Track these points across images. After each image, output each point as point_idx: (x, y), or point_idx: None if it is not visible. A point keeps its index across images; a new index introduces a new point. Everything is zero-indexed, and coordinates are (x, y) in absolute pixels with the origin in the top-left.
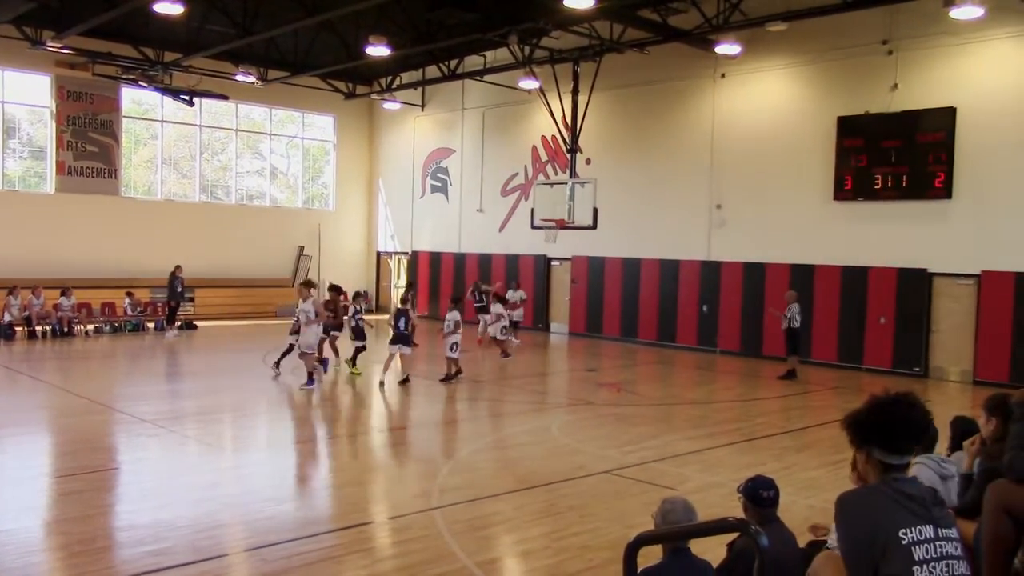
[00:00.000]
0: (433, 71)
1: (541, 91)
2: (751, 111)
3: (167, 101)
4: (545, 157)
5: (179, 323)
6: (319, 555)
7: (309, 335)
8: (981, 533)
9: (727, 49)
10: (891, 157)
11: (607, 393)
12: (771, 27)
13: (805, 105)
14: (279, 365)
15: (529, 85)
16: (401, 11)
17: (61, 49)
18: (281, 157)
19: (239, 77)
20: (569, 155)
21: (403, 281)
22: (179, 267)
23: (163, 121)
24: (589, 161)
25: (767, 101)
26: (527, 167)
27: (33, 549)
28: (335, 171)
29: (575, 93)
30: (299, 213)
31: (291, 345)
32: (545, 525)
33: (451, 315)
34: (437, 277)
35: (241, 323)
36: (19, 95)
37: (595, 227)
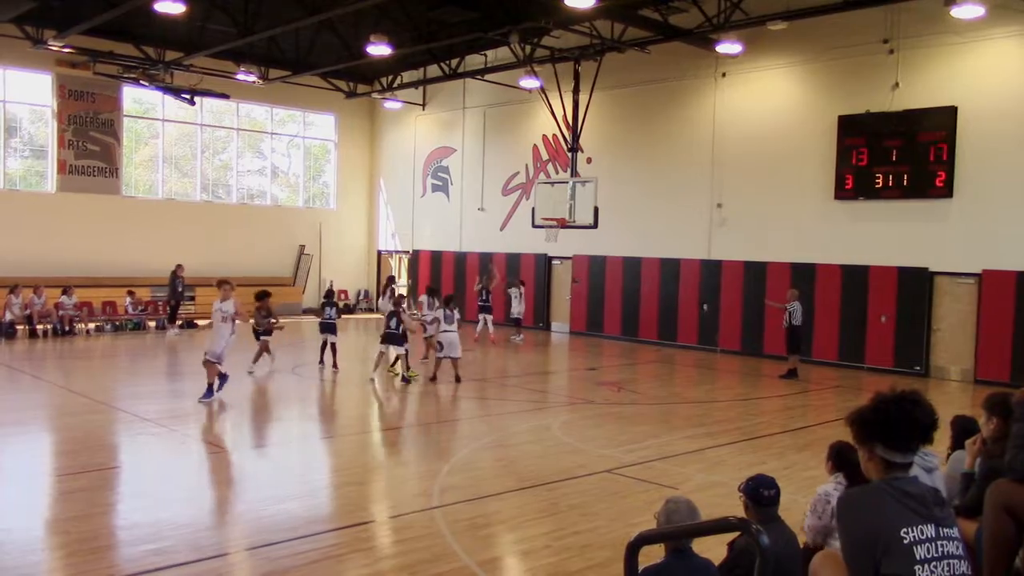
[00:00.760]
0: (434, 70)
1: (542, 90)
2: (752, 110)
3: (168, 100)
4: (546, 156)
5: (180, 322)
6: (320, 554)
7: (218, 340)
8: (982, 532)
9: (728, 48)
10: (892, 156)
11: (608, 392)
12: (772, 26)
13: (806, 104)
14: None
15: (530, 84)
16: (402, 10)
17: (62, 48)
18: (282, 156)
19: (240, 76)
20: (570, 154)
21: (404, 281)
22: (180, 266)
23: (164, 120)
24: (590, 160)
25: (768, 100)
26: (528, 166)
27: (34, 548)
28: (336, 170)
29: (576, 92)
30: (300, 212)
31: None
32: (546, 524)
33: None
34: (438, 276)
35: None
36: (20, 94)
37: (596, 226)
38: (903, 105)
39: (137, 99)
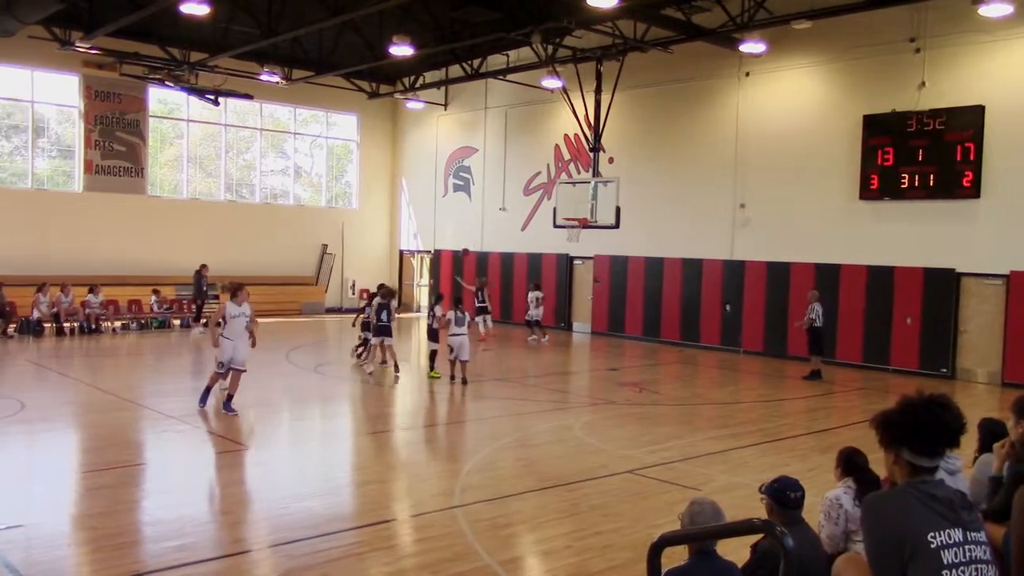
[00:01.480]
0: (456, 70)
1: (564, 90)
2: (776, 110)
3: (193, 101)
4: (568, 156)
5: (204, 320)
6: (342, 552)
7: (244, 348)
8: (1011, 537)
9: (752, 47)
10: (918, 156)
11: (629, 393)
12: (796, 25)
13: (830, 103)
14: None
15: (552, 84)
16: (425, 10)
17: (89, 50)
18: (305, 156)
19: (264, 77)
20: (592, 154)
21: (425, 280)
22: (204, 266)
23: (189, 120)
24: (612, 160)
25: (792, 100)
26: (550, 166)
27: (61, 543)
28: (358, 170)
29: (598, 92)
30: (323, 212)
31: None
32: (567, 524)
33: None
34: (460, 276)
35: (265, 321)
36: (48, 95)
37: (618, 226)
38: (929, 104)
39: (162, 100)
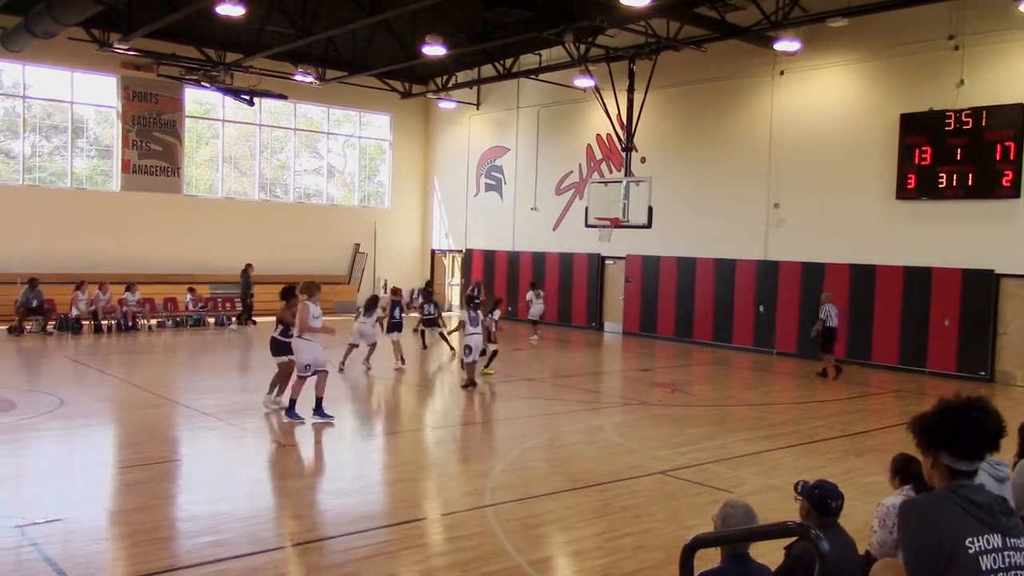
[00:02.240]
0: (488, 70)
1: (596, 89)
2: (811, 108)
3: (228, 101)
4: (600, 155)
5: (235, 319)
6: (373, 549)
7: (320, 348)
8: None
9: (786, 46)
10: (957, 155)
11: (661, 393)
12: (832, 23)
13: (867, 102)
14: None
15: (584, 83)
16: (457, 10)
17: (127, 51)
18: (338, 156)
19: (298, 77)
20: (624, 153)
21: (456, 279)
22: (250, 265)
23: (224, 121)
24: (644, 159)
25: (827, 98)
26: (581, 165)
27: (98, 537)
28: (391, 170)
29: (631, 91)
30: (355, 211)
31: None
32: (598, 525)
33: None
34: (491, 275)
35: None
36: (87, 96)
37: (650, 226)
38: (968, 103)
39: (198, 100)
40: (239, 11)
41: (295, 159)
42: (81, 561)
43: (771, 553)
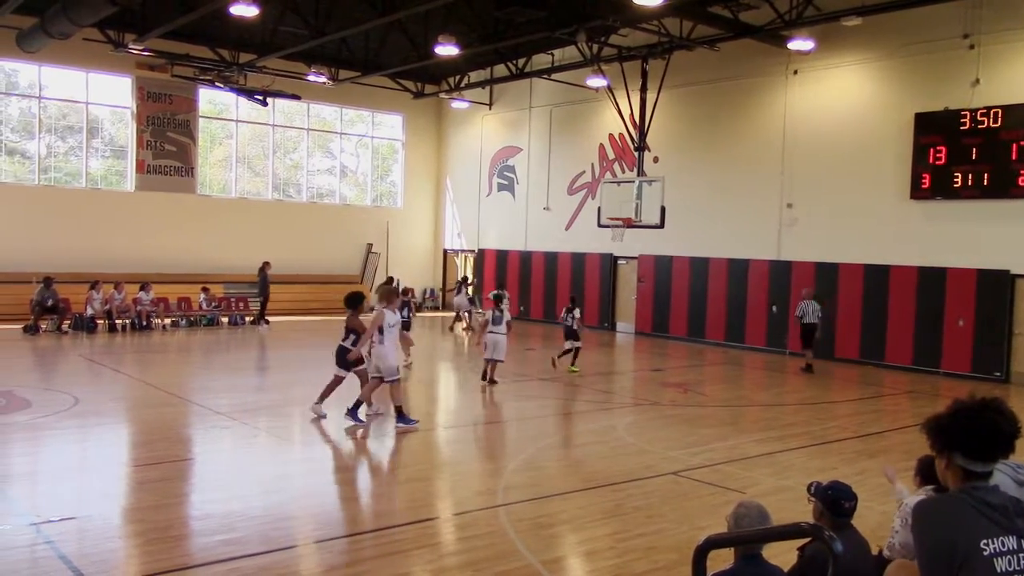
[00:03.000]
0: (501, 70)
1: (609, 89)
2: (824, 108)
3: (242, 101)
4: (612, 155)
5: (250, 318)
6: (386, 549)
7: (393, 354)
8: None
9: (800, 45)
10: (972, 155)
11: (674, 393)
12: (846, 22)
13: (881, 101)
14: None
15: (597, 83)
16: (470, 10)
17: (142, 51)
18: (351, 156)
19: (311, 77)
20: (637, 153)
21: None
22: (267, 263)
23: (238, 121)
24: (657, 159)
25: (841, 98)
26: (594, 165)
27: (112, 535)
28: (403, 169)
29: (643, 91)
30: (368, 211)
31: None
32: (610, 525)
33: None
34: (503, 275)
35: (311, 319)
36: (102, 96)
37: (662, 226)
38: (984, 102)
39: (212, 100)
40: (253, 12)
41: (308, 159)
42: (95, 559)
43: (784, 554)
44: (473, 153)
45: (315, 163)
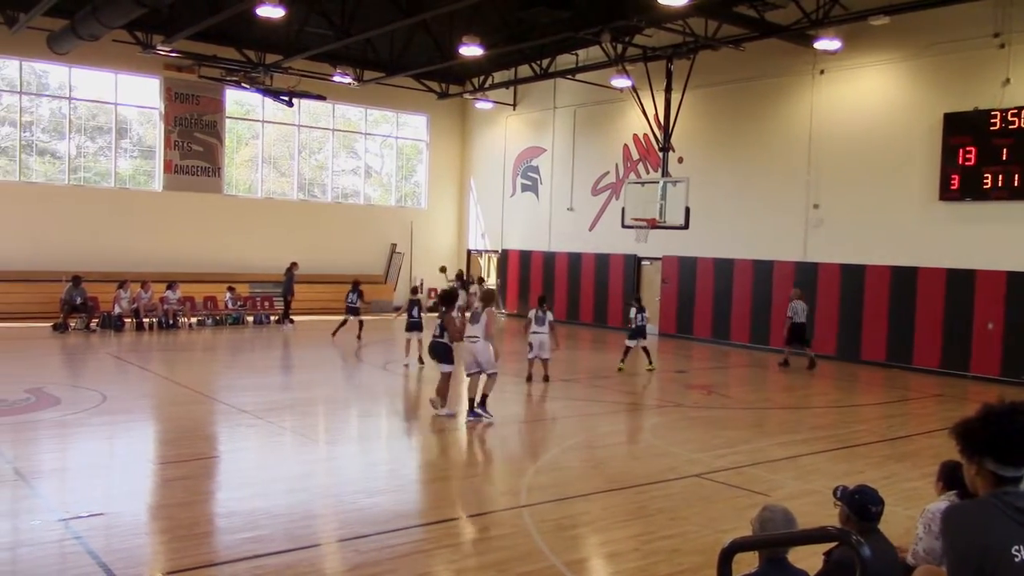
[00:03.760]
0: (525, 70)
1: (633, 89)
2: (851, 108)
3: (267, 102)
4: (636, 156)
5: (275, 317)
6: (409, 548)
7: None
8: None
9: (827, 44)
10: (1002, 155)
11: (698, 395)
12: (873, 21)
13: (909, 101)
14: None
15: (621, 83)
16: (494, 11)
17: (169, 53)
18: (375, 156)
19: (336, 78)
20: (661, 154)
21: (493, 280)
22: (295, 263)
23: (264, 121)
24: (681, 160)
25: (869, 98)
26: (618, 166)
27: (139, 532)
28: (427, 170)
29: (668, 91)
30: (392, 211)
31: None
32: (634, 527)
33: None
34: (527, 275)
35: (335, 318)
36: (131, 97)
37: (687, 227)
38: (1014, 102)
39: (238, 101)
40: (279, 13)
41: (333, 159)
42: (123, 555)
43: (808, 559)
44: (497, 153)
45: (340, 163)
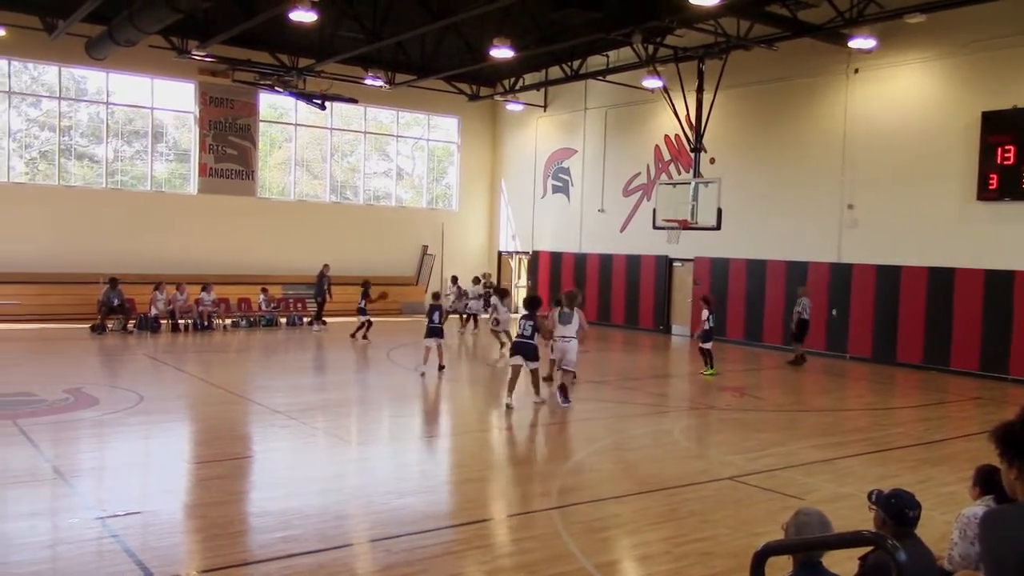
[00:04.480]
0: (556, 72)
1: (665, 90)
2: (887, 107)
3: (300, 105)
4: (668, 156)
5: (307, 319)
6: (440, 549)
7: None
8: None
9: (861, 43)
10: None
11: (730, 397)
12: (909, 19)
13: (946, 100)
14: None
15: (652, 84)
16: (525, 12)
17: (204, 57)
18: (407, 158)
19: (368, 81)
20: (693, 154)
21: (524, 281)
22: (327, 266)
23: (297, 124)
24: (713, 160)
25: (904, 97)
26: (649, 167)
27: (175, 531)
28: (459, 172)
29: (700, 91)
30: (423, 213)
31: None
32: (665, 530)
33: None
34: (558, 277)
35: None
36: (166, 101)
37: (719, 228)
38: None
39: (272, 105)
40: (311, 17)
41: (365, 162)
42: (159, 553)
43: (843, 563)
44: (528, 155)
45: (372, 166)
